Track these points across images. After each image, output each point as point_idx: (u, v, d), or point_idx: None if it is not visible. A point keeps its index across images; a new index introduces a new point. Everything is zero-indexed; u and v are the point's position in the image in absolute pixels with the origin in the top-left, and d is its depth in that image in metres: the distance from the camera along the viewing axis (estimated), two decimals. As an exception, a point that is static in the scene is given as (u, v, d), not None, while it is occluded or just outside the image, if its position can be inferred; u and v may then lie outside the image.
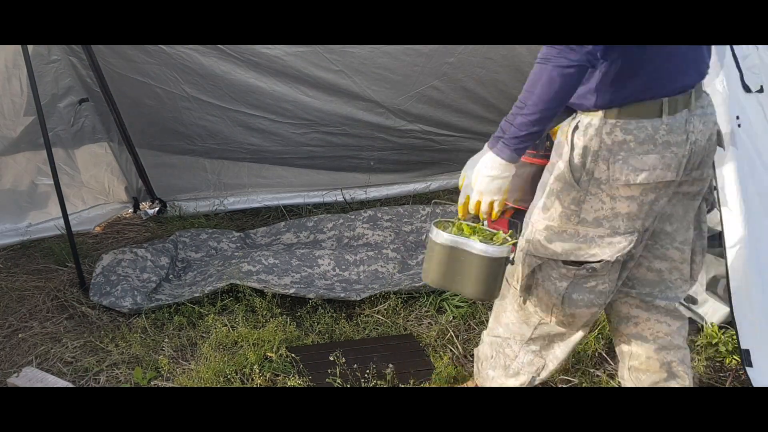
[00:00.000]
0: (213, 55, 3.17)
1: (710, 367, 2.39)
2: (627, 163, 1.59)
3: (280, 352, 2.43)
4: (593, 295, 1.73)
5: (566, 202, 1.66)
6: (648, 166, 1.59)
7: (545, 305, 1.79)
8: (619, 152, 1.59)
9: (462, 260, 1.68)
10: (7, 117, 3.20)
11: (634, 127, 1.58)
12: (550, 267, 1.72)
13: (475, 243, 1.66)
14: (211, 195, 4.02)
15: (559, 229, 1.68)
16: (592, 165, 1.62)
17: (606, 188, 1.61)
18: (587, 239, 1.66)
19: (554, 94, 1.54)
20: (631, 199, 1.62)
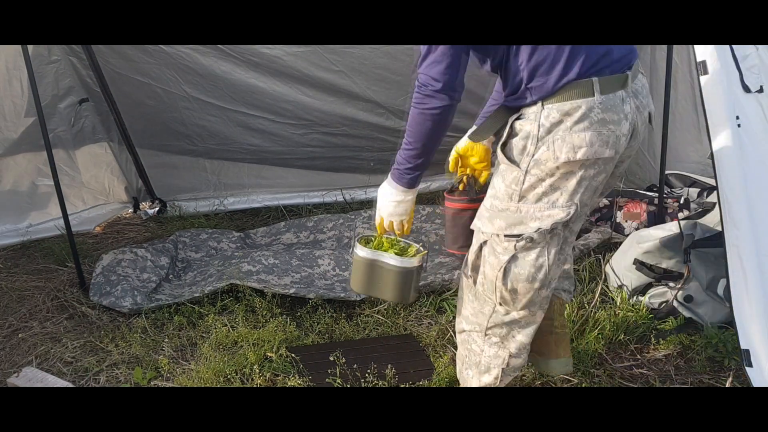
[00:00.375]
0: (213, 55, 3.17)
1: (710, 367, 2.39)
2: (565, 142, 1.69)
3: (280, 352, 2.43)
4: (533, 269, 1.81)
5: (508, 180, 1.79)
6: (586, 143, 1.69)
7: (489, 283, 1.86)
8: (557, 132, 1.70)
9: (379, 271, 1.97)
10: (8, 118, 3.20)
11: (569, 107, 1.70)
12: (494, 242, 1.83)
13: (388, 257, 1.97)
14: (211, 195, 4.02)
15: (502, 207, 1.81)
16: (532, 148, 1.74)
17: (545, 167, 1.73)
18: (528, 214, 1.78)
19: (428, 132, 1.81)
20: (570, 174, 1.73)
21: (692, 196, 3.35)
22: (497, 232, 1.81)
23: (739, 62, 2.12)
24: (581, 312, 2.61)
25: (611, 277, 2.84)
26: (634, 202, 3.35)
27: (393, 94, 3.48)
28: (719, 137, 2.05)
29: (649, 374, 2.37)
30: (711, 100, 2.07)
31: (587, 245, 3.11)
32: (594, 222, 3.43)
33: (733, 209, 2.04)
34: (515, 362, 1.97)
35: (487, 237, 1.85)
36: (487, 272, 1.86)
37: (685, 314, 2.61)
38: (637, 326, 2.58)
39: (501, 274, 1.82)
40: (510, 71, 1.77)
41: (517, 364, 1.98)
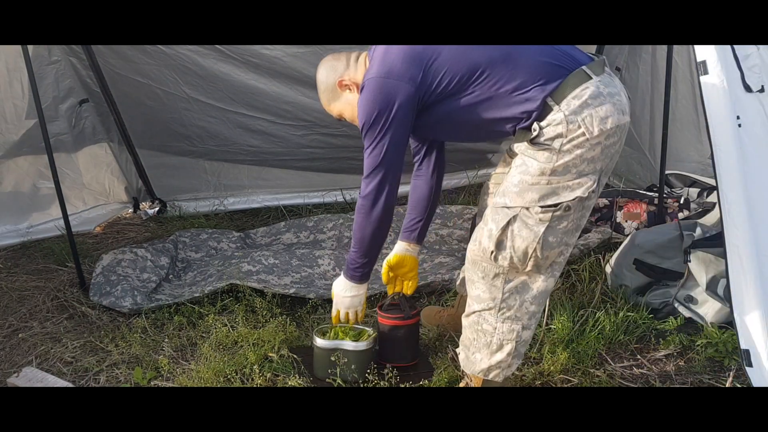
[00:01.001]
0: (213, 57, 3.17)
1: (710, 367, 2.39)
2: (593, 117, 1.84)
3: (281, 352, 2.43)
4: (564, 235, 1.93)
5: (541, 159, 1.89)
6: (609, 113, 1.85)
7: (522, 254, 1.93)
8: (582, 111, 1.84)
9: (341, 354, 2.29)
10: (9, 121, 3.20)
11: (580, 90, 1.86)
12: (525, 216, 1.90)
13: (347, 343, 2.30)
14: (211, 195, 4.03)
15: (532, 182, 1.90)
16: (564, 130, 1.85)
17: (577, 142, 1.85)
18: (559, 186, 1.88)
19: (371, 237, 2.09)
20: (597, 145, 1.86)
21: (692, 196, 3.35)
22: (529, 204, 1.89)
23: (740, 62, 2.12)
24: (581, 312, 2.60)
25: (611, 277, 2.84)
26: (634, 202, 3.35)
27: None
28: (720, 137, 2.05)
29: (649, 374, 2.37)
30: (711, 100, 2.06)
31: (587, 245, 3.11)
32: (594, 222, 3.43)
33: (733, 209, 2.04)
34: (526, 335, 2.04)
35: (516, 212, 1.91)
36: (518, 245, 1.91)
37: (685, 314, 2.61)
38: (637, 326, 2.58)
39: (540, 245, 1.90)
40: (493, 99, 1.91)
41: (527, 337, 2.05)
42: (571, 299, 2.68)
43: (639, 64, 3.63)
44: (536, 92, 1.87)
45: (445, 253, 3.34)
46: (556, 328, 2.49)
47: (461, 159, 4.16)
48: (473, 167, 4.26)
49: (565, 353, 2.37)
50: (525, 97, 1.88)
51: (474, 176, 4.28)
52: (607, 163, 1.93)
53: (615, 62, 3.82)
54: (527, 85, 1.88)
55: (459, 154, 4.09)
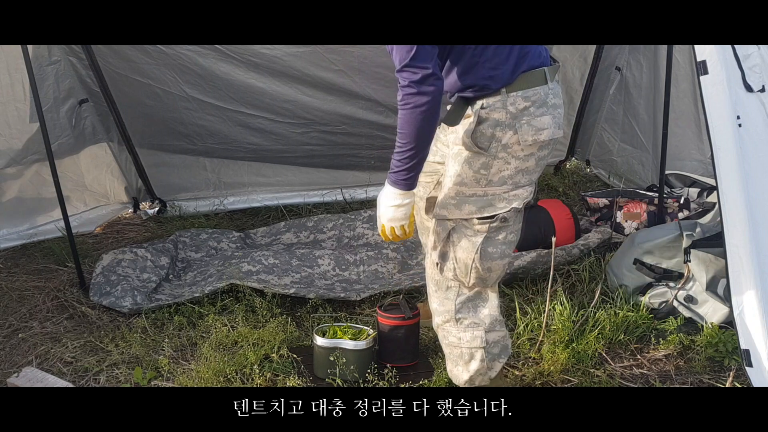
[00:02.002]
0: (212, 56, 3.17)
1: (710, 367, 2.39)
2: (531, 126, 1.87)
3: (281, 352, 2.43)
4: (504, 246, 1.97)
5: (476, 167, 1.90)
6: (546, 125, 1.88)
7: (463, 266, 1.96)
8: (522, 117, 1.87)
9: (340, 353, 2.28)
10: (12, 125, 3.20)
11: (531, 94, 1.87)
12: (464, 227, 1.94)
13: (346, 342, 2.30)
14: (211, 195, 4.02)
15: (470, 193, 1.92)
16: (500, 134, 1.87)
17: (512, 151, 1.88)
18: (495, 197, 1.91)
19: (420, 131, 1.82)
20: (530, 156, 1.90)
21: (692, 196, 3.35)
22: (467, 216, 1.93)
23: (740, 62, 2.12)
24: (581, 312, 2.60)
25: (611, 277, 2.84)
26: (634, 202, 3.35)
27: (393, 92, 3.43)
28: (720, 137, 2.05)
29: (649, 374, 2.37)
30: (712, 99, 2.06)
31: (587, 245, 3.11)
32: (594, 222, 3.43)
33: (733, 209, 2.04)
34: (493, 336, 2.05)
35: (455, 223, 1.95)
36: (460, 256, 1.95)
37: (685, 314, 2.61)
38: (637, 326, 2.58)
39: (478, 255, 1.93)
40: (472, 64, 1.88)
41: (496, 338, 2.06)
42: (571, 299, 2.68)
43: (641, 61, 3.63)
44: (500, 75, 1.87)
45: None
46: (556, 328, 2.49)
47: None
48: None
49: (565, 353, 2.37)
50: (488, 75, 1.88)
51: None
52: (539, 174, 1.99)
53: (615, 62, 3.82)
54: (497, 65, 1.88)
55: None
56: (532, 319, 2.56)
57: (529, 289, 2.92)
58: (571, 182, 4.28)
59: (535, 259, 2.97)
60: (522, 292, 2.89)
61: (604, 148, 4.13)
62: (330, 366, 2.30)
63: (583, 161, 4.44)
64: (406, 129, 1.84)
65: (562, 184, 4.25)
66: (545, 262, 2.96)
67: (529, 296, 2.86)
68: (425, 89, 1.77)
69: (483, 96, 1.89)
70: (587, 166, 4.43)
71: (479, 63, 1.88)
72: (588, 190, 3.97)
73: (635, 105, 3.76)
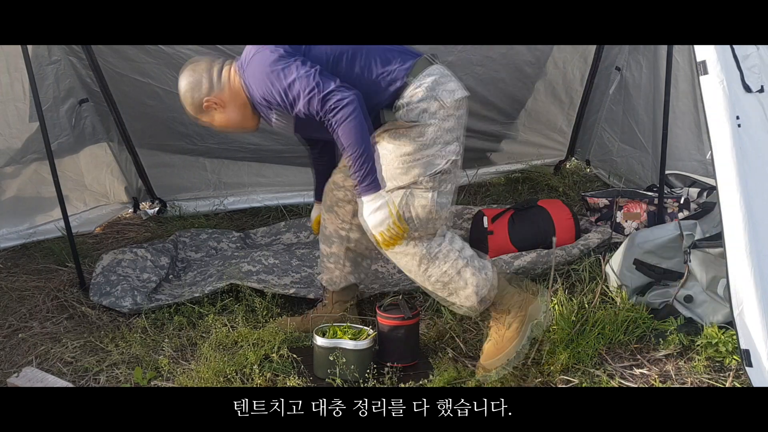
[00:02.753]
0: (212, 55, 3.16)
1: (710, 367, 2.39)
2: (446, 91, 2.17)
3: (281, 352, 2.43)
4: (449, 194, 2.29)
5: (412, 136, 2.17)
6: (455, 87, 2.20)
7: (425, 220, 2.21)
8: (436, 88, 2.16)
9: (340, 353, 2.29)
10: (12, 125, 3.20)
11: (430, 71, 2.18)
12: (416, 189, 2.18)
13: (346, 342, 2.30)
14: (211, 195, 4.02)
15: (412, 159, 2.17)
16: (425, 105, 2.16)
17: (437, 115, 2.16)
18: (434, 156, 2.18)
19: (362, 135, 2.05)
20: (451, 116, 2.19)
21: (692, 196, 3.35)
22: (416, 179, 2.17)
23: (739, 62, 2.12)
24: (581, 312, 2.60)
25: (611, 277, 2.84)
26: (634, 202, 3.35)
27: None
28: (719, 137, 2.05)
29: (649, 374, 2.37)
30: (711, 100, 2.06)
31: (587, 245, 3.11)
32: (594, 222, 3.43)
33: (733, 209, 2.04)
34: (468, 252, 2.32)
35: (406, 188, 2.18)
36: (421, 214, 2.19)
37: (685, 314, 2.61)
38: (637, 326, 2.58)
39: (436, 208, 2.20)
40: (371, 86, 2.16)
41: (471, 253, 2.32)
42: (571, 299, 2.67)
43: (641, 62, 3.63)
44: (399, 71, 2.17)
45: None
46: (556, 328, 2.49)
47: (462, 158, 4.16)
48: (473, 166, 4.26)
49: (565, 353, 2.37)
50: (390, 77, 2.16)
51: (474, 175, 4.28)
52: (462, 133, 2.27)
53: (615, 62, 3.82)
54: (388, 65, 2.17)
55: (459, 154, 4.09)
56: (532, 319, 2.56)
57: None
58: (571, 182, 4.28)
59: (535, 259, 2.97)
60: (522, 292, 2.89)
61: (604, 148, 4.13)
62: (330, 366, 2.30)
63: (583, 161, 4.44)
64: (350, 140, 2.05)
65: (562, 184, 4.25)
66: (545, 262, 2.96)
67: (529, 296, 2.86)
68: (344, 102, 2.02)
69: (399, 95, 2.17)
70: (587, 166, 4.43)
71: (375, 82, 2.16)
72: (588, 190, 3.97)
73: (635, 105, 3.76)
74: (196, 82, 2.23)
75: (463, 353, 2.50)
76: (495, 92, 3.73)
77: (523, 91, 3.87)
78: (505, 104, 3.88)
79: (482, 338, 2.59)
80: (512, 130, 4.13)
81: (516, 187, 4.30)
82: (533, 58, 3.66)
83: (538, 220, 3.21)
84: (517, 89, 3.82)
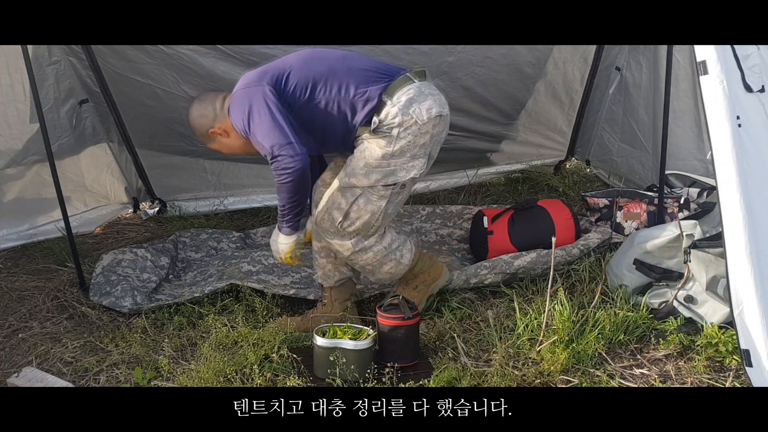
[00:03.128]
0: (212, 56, 3.16)
1: (710, 367, 2.39)
2: (421, 107, 2.32)
3: (281, 352, 2.43)
4: (398, 206, 2.50)
5: (381, 144, 2.34)
6: (432, 105, 2.35)
7: (366, 223, 2.42)
8: (411, 105, 2.32)
9: (340, 353, 2.29)
10: (12, 126, 3.19)
11: (406, 90, 2.35)
12: (369, 193, 2.38)
13: (346, 341, 2.31)
14: (211, 195, 4.02)
15: (376, 164, 2.35)
16: (399, 119, 2.31)
17: (410, 129, 2.32)
18: (397, 167, 2.36)
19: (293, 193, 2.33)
20: (425, 132, 2.35)
21: (692, 196, 3.35)
22: (374, 184, 2.36)
23: (740, 62, 2.12)
24: (581, 312, 2.60)
25: (611, 277, 2.84)
26: (634, 202, 3.35)
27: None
28: (719, 137, 2.05)
29: (649, 374, 2.37)
30: (711, 99, 2.06)
31: (587, 245, 3.11)
32: (594, 222, 3.43)
33: (733, 209, 2.04)
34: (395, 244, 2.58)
35: (362, 190, 2.38)
36: (366, 218, 2.40)
37: (685, 314, 2.61)
38: (637, 326, 2.58)
39: (381, 215, 2.41)
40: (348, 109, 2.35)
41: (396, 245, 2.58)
42: (571, 299, 2.68)
43: (641, 62, 3.63)
44: (373, 91, 2.34)
45: (445, 253, 3.34)
46: (556, 328, 2.49)
47: (461, 158, 4.16)
48: (473, 166, 4.26)
49: (565, 353, 2.37)
50: (365, 97, 2.33)
51: (474, 175, 4.28)
52: (434, 148, 2.43)
53: (615, 62, 3.82)
54: (364, 86, 2.34)
55: (459, 154, 4.09)
56: (532, 319, 2.56)
57: (529, 289, 2.92)
58: (571, 182, 4.28)
59: (535, 259, 2.97)
60: (522, 292, 2.89)
61: (604, 148, 4.13)
62: (330, 366, 2.30)
63: (583, 161, 4.44)
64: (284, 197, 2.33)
65: (562, 184, 4.25)
66: (545, 262, 2.96)
67: (529, 296, 2.86)
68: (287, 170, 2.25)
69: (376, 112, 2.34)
70: (587, 166, 4.43)
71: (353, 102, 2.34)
72: (588, 190, 3.97)
73: (635, 105, 3.76)
74: (203, 112, 2.46)
75: (464, 353, 2.50)
76: (495, 93, 3.73)
77: (523, 92, 3.86)
78: (505, 105, 3.88)
79: (482, 338, 2.59)
80: (512, 130, 4.13)
81: (516, 187, 4.31)
82: (533, 58, 3.66)
83: (538, 220, 3.21)
84: (517, 90, 3.82)
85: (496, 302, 2.86)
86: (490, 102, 3.79)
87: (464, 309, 2.78)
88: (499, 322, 2.66)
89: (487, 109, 3.83)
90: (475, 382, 2.29)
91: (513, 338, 2.52)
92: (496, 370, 2.33)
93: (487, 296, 2.92)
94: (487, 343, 2.56)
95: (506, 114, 3.96)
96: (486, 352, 2.51)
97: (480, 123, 3.90)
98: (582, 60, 3.87)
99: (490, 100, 3.77)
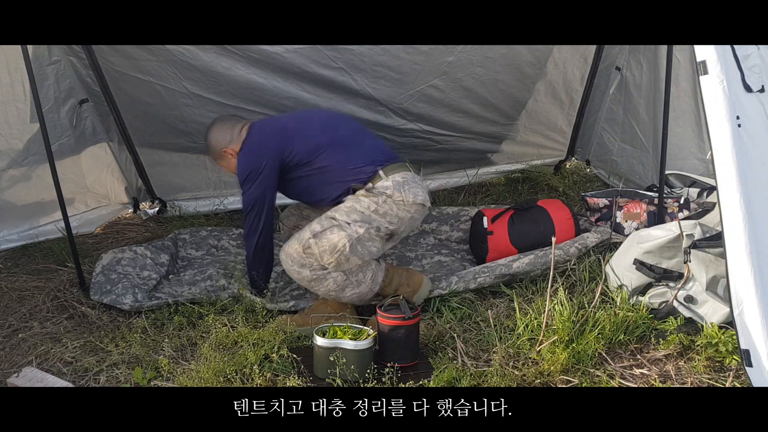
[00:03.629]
0: (213, 52, 3.16)
1: (710, 367, 2.39)
2: (410, 191, 2.63)
3: (281, 352, 2.43)
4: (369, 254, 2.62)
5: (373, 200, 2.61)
6: (419, 193, 2.65)
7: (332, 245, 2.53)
8: (404, 186, 2.63)
9: (340, 353, 2.30)
10: (12, 126, 3.19)
11: (403, 174, 2.68)
12: (345, 225, 2.56)
13: (346, 342, 2.32)
14: (211, 194, 4.02)
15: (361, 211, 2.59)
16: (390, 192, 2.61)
17: (397, 202, 2.61)
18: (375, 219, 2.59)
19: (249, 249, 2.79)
20: (407, 211, 2.63)
21: (692, 196, 3.35)
22: (351, 221, 2.56)
23: (740, 62, 2.12)
24: (581, 312, 2.60)
25: (611, 277, 2.84)
26: (634, 202, 3.35)
27: (392, 91, 3.47)
28: (719, 137, 2.05)
29: (649, 374, 2.37)
30: (711, 100, 2.06)
31: (587, 245, 3.11)
32: (594, 222, 3.43)
33: (733, 209, 2.04)
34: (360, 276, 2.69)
35: (339, 222, 2.57)
36: (332, 238, 2.54)
37: (685, 314, 2.61)
38: (637, 326, 2.58)
39: (349, 243, 2.53)
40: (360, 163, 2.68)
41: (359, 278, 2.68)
42: (571, 299, 2.68)
43: (641, 61, 3.63)
44: (369, 168, 2.66)
45: (444, 254, 3.35)
46: (556, 328, 2.49)
47: (461, 158, 4.16)
48: (473, 166, 4.26)
49: (565, 353, 2.37)
50: (359, 170, 2.65)
51: (474, 176, 4.28)
52: (406, 229, 2.69)
53: (615, 62, 3.82)
54: (360, 163, 2.66)
55: (459, 154, 4.09)
56: (532, 319, 2.56)
57: (529, 289, 2.92)
58: (571, 182, 4.28)
59: (532, 260, 2.97)
60: (522, 292, 2.89)
61: (604, 148, 4.13)
62: (330, 366, 2.30)
63: (583, 161, 4.44)
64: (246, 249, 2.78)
65: (562, 184, 4.25)
66: (544, 262, 2.96)
67: (529, 296, 2.86)
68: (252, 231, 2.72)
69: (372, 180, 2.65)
70: (587, 166, 4.43)
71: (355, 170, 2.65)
72: (588, 190, 3.97)
73: (635, 105, 3.76)
74: (223, 134, 2.78)
75: (464, 353, 2.50)
76: (495, 93, 3.73)
77: (524, 92, 3.86)
78: (505, 105, 3.88)
79: (482, 338, 2.59)
80: (512, 130, 4.13)
81: (516, 187, 4.31)
82: (533, 58, 3.66)
83: (537, 220, 3.21)
84: (517, 90, 3.82)
85: (496, 302, 2.86)
86: (490, 102, 3.79)
87: (464, 309, 2.78)
88: (499, 322, 2.66)
89: (487, 109, 3.83)
90: (475, 382, 2.29)
91: (513, 338, 2.52)
92: (496, 370, 2.33)
93: (487, 296, 2.92)
94: (487, 343, 2.56)
95: (506, 114, 3.96)
96: (486, 352, 2.51)
97: (480, 124, 3.90)
98: (582, 60, 3.87)
99: (490, 100, 3.77)
